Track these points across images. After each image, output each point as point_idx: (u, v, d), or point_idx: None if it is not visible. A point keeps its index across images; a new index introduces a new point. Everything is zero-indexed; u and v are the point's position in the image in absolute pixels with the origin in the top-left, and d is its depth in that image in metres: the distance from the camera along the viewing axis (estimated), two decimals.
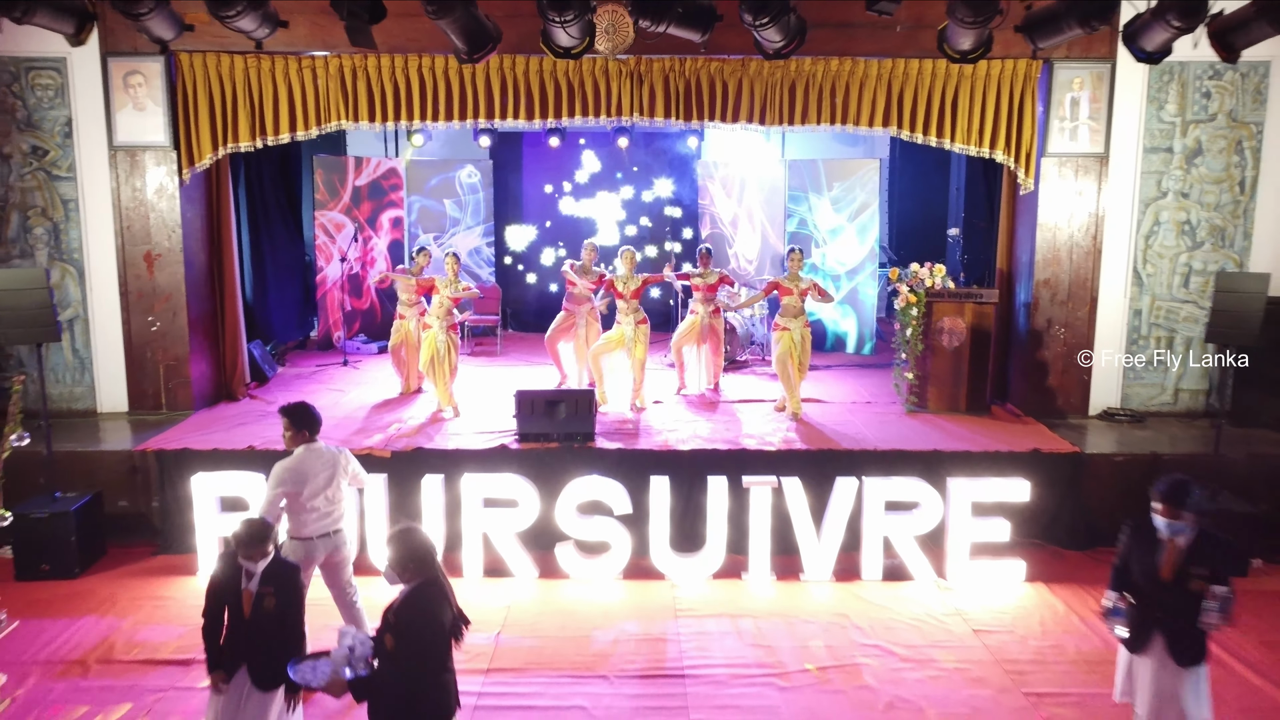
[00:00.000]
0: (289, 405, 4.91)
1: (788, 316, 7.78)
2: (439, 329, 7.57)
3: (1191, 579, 3.69)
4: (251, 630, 3.80)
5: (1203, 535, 3.79)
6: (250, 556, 3.79)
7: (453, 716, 3.51)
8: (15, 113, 7.57)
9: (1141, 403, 8.04)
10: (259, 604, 3.79)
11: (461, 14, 4.13)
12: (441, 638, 3.39)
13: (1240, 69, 7.62)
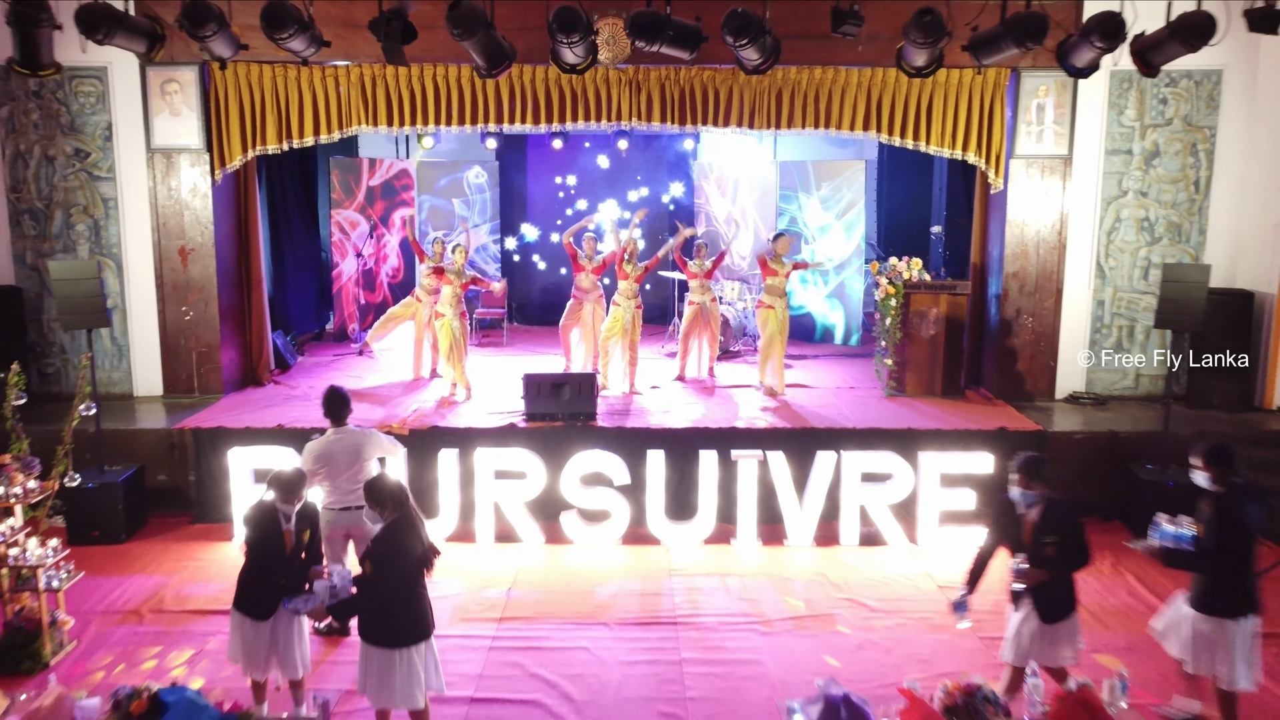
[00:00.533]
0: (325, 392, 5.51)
1: (773, 295, 8.41)
2: (452, 316, 8.17)
3: (1045, 546, 4.25)
4: (291, 563, 4.41)
5: (1051, 504, 4.33)
6: (287, 500, 4.40)
7: (428, 634, 4.21)
8: (59, 118, 8.18)
9: (1105, 387, 8.64)
10: (298, 539, 4.42)
11: (483, 36, 4.75)
12: (412, 564, 4.12)
13: (1194, 77, 8.23)
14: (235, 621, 4.45)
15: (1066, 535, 4.27)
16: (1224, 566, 4.33)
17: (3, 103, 8.16)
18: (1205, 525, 4.40)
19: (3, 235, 8.34)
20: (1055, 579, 4.27)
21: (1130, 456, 7.43)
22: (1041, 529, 4.29)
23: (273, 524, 4.40)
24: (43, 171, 8.25)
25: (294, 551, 4.43)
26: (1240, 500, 4.36)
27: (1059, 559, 4.26)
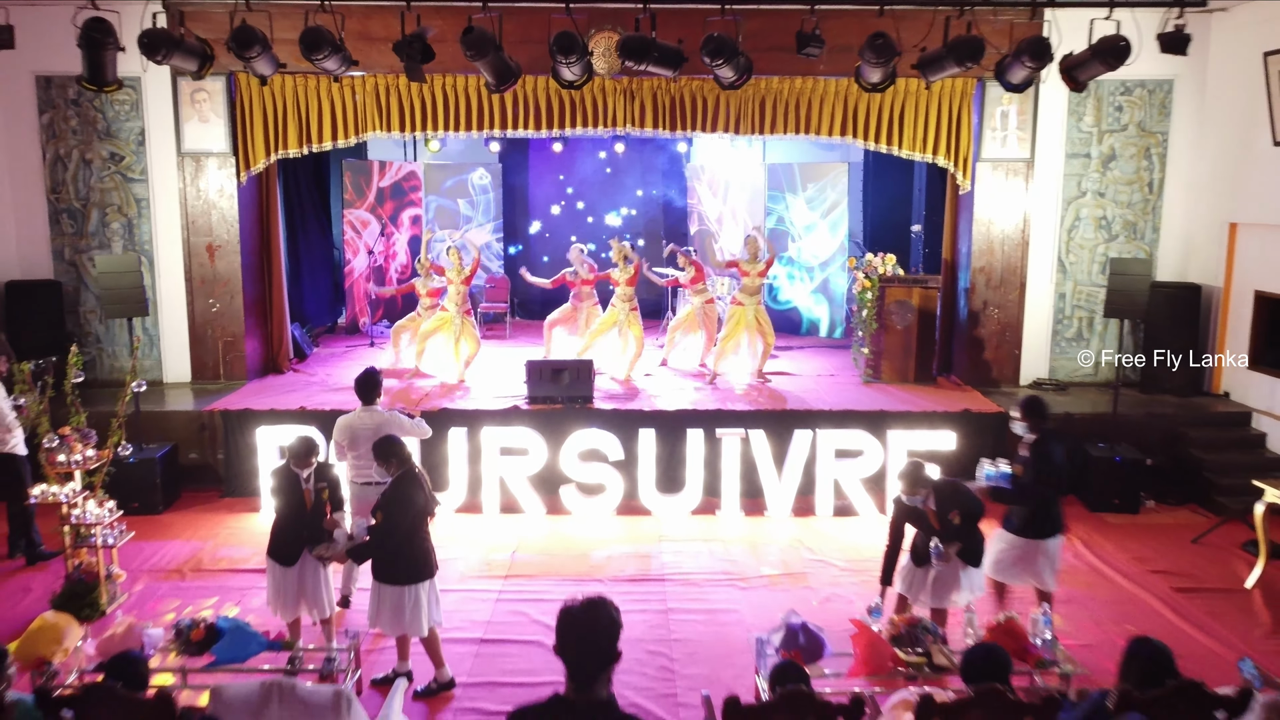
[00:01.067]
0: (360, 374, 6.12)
1: (745, 294, 9.05)
2: (455, 314, 8.83)
3: (950, 520, 4.88)
4: (313, 517, 5.04)
5: (938, 489, 4.97)
6: (300, 465, 5.02)
7: (431, 574, 4.92)
8: (96, 124, 8.83)
9: (1067, 374, 9.29)
10: (317, 497, 5.05)
11: (493, 57, 5.39)
12: (416, 512, 4.83)
13: (1148, 86, 8.89)
14: (269, 568, 5.09)
15: (963, 505, 4.93)
16: (1039, 497, 5.11)
17: (43, 110, 8.81)
18: (1023, 465, 5.18)
19: (43, 233, 8.99)
20: (966, 539, 4.92)
21: (1082, 435, 8.08)
22: (942, 510, 4.93)
23: (293, 485, 5.04)
24: (80, 174, 8.91)
25: (314, 508, 5.05)
26: (1050, 443, 5.17)
27: (964, 526, 4.91)
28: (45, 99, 8.81)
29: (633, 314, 9.19)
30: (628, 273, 9.20)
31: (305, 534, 5.02)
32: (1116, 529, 7.41)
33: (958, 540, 4.91)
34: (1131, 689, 3.32)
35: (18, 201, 8.91)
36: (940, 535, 4.93)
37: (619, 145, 12.39)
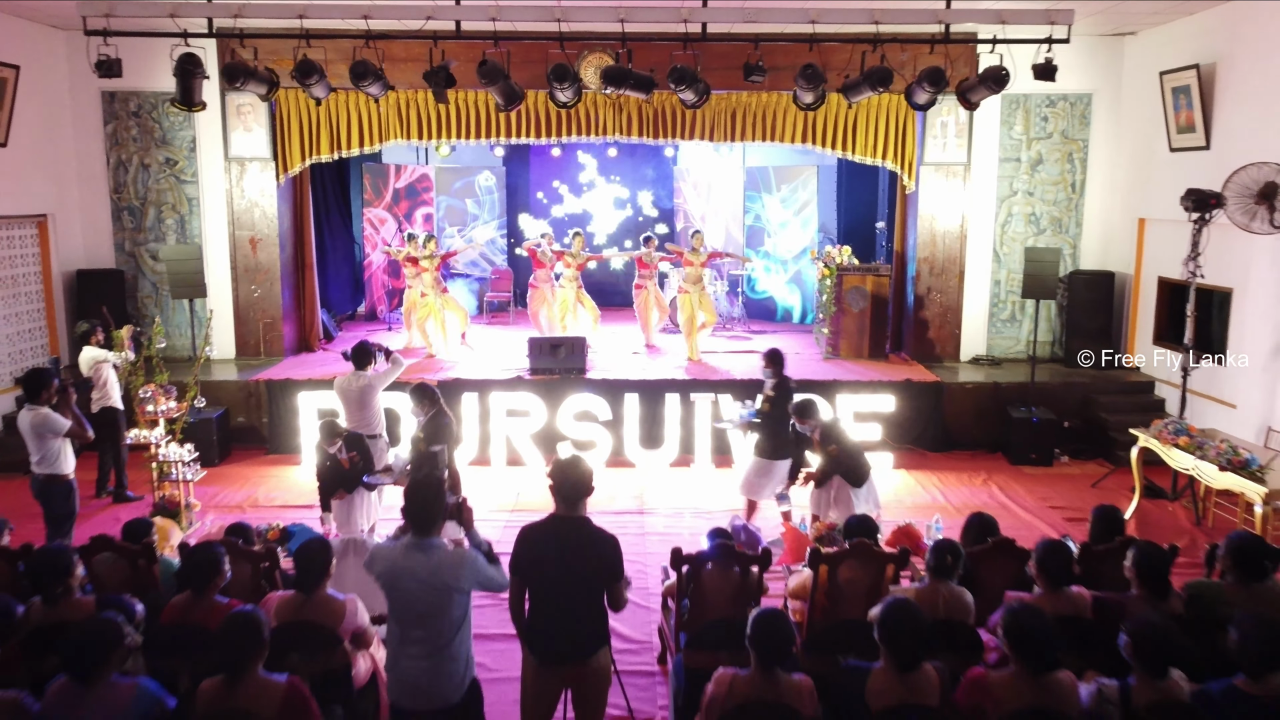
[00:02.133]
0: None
1: (689, 282, 10.36)
2: (433, 296, 10.18)
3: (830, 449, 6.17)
4: (349, 474, 6.29)
5: (829, 426, 6.38)
6: (329, 443, 6.21)
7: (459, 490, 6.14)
8: (153, 133, 10.15)
9: (1002, 351, 10.58)
10: (352, 461, 6.29)
11: (503, 84, 6.69)
12: (448, 439, 6.02)
13: (1070, 99, 10.20)
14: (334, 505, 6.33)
15: (839, 441, 6.22)
16: (777, 427, 6.65)
17: (108, 121, 10.14)
18: (769, 402, 6.72)
19: (106, 228, 10.32)
20: (849, 463, 6.18)
21: (1008, 401, 9.38)
22: (824, 442, 6.22)
23: (331, 457, 6.31)
24: (139, 177, 10.23)
25: (352, 468, 6.29)
26: (786, 386, 6.75)
27: (840, 455, 6.17)
28: (109, 111, 10.13)
29: (581, 291, 10.78)
30: (579, 259, 10.59)
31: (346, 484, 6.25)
32: (1031, 478, 8.71)
33: (836, 467, 6.18)
34: (967, 545, 4.63)
35: (84, 201, 10.23)
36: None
37: (611, 150, 13.70)
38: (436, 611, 3.37)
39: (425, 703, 3.39)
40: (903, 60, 6.91)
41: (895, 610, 3.24)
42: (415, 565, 3.37)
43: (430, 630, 3.37)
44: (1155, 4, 8.39)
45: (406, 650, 3.38)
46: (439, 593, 3.36)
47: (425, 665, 3.36)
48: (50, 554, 3.90)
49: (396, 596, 3.39)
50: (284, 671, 3.31)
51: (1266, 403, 7.74)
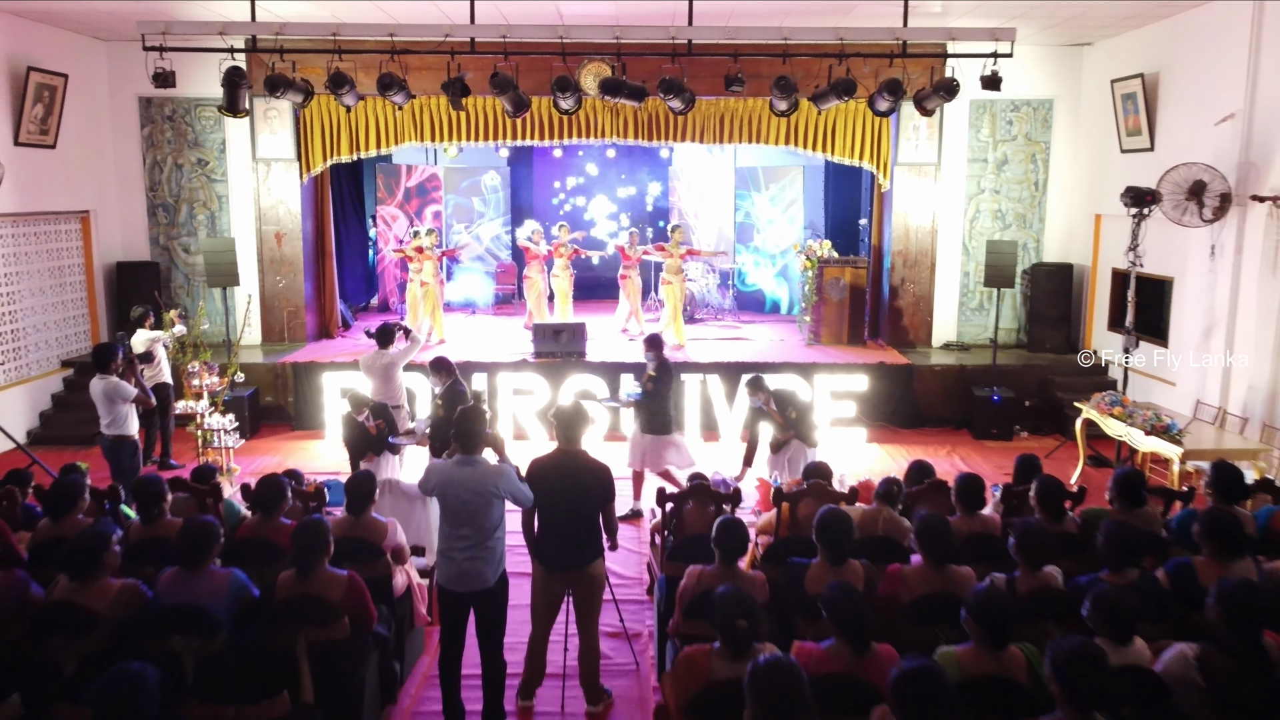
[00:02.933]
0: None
1: (670, 273, 11.19)
2: (434, 284, 11.03)
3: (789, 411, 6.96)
4: (376, 439, 7.12)
5: (781, 394, 7.12)
6: (357, 411, 7.05)
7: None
8: (186, 135, 11.00)
9: (971, 337, 11.42)
10: (379, 428, 7.13)
11: (512, 94, 7.53)
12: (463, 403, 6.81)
13: (1033, 105, 11.04)
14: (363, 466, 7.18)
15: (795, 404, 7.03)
16: (659, 404, 7.32)
17: (144, 125, 10.98)
18: (650, 383, 7.35)
19: (142, 224, 11.16)
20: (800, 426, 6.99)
21: (973, 382, 10.22)
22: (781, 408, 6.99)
23: (358, 425, 7.13)
24: (173, 176, 11.08)
25: (379, 434, 7.14)
26: (667, 368, 7.39)
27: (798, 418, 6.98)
28: (146, 115, 10.98)
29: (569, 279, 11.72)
30: (568, 249, 11.48)
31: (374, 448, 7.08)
32: (991, 450, 9.55)
33: (794, 428, 7.00)
34: (908, 485, 5.47)
35: (122, 198, 11.08)
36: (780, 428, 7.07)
37: (610, 152, 14.54)
38: (479, 513, 4.24)
39: (466, 585, 4.25)
40: (865, 72, 7.73)
41: (829, 515, 4.09)
42: (463, 476, 4.24)
43: (474, 528, 4.24)
44: (1110, 16, 9.23)
45: (454, 545, 4.25)
46: (481, 497, 4.23)
47: (469, 555, 4.23)
48: (147, 481, 4.74)
49: (448, 502, 4.26)
50: None
51: (1199, 380, 8.58)
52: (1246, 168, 7.98)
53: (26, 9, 9.08)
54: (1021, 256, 11.14)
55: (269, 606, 3.97)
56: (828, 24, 7.83)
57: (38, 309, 9.93)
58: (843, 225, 14.68)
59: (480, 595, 4.30)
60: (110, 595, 3.88)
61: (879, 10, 8.33)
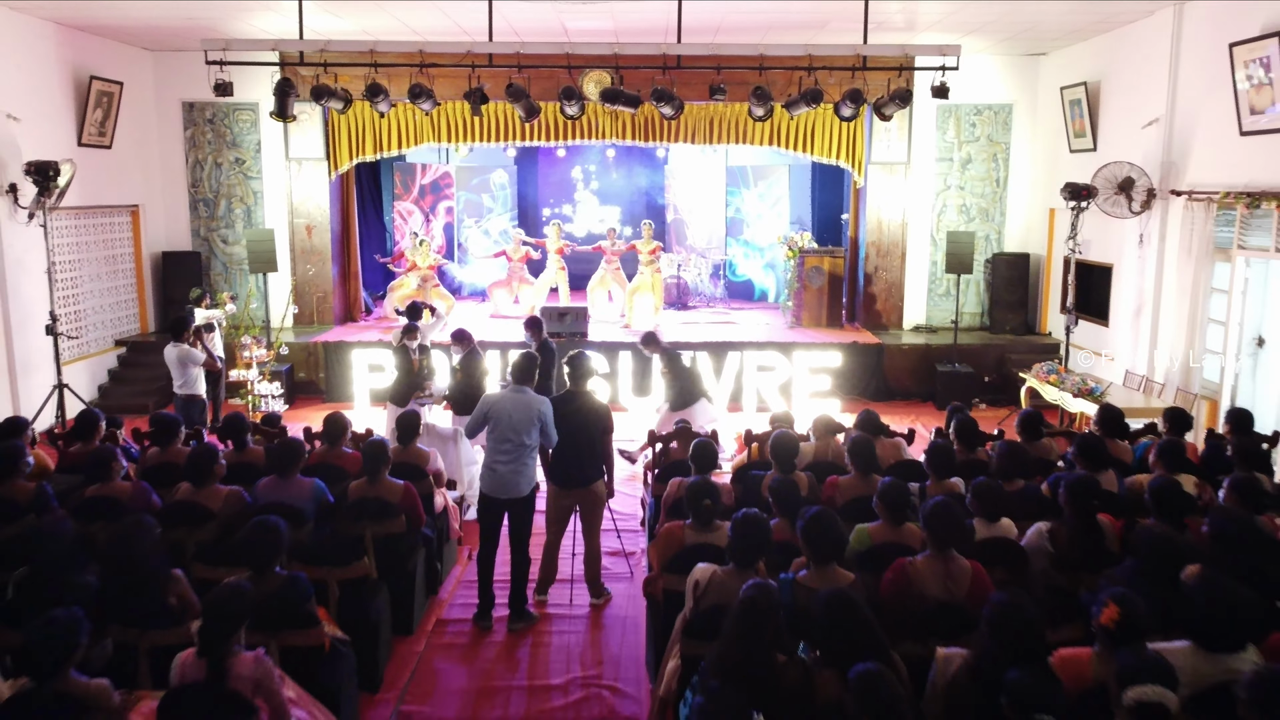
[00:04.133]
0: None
1: (644, 265, 12.29)
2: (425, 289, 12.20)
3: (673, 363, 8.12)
4: (417, 376, 8.25)
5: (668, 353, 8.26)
6: (410, 339, 8.19)
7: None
8: (225, 136, 12.12)
9: (939, 321, 12.53)
10: (420, 363, 8.26)
11: (525, 101, 8.65)
12: (480, 369, 7.95)
13: (994, 109, 12.15)
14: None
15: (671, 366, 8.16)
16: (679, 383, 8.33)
17: (187, 127, 12.10)
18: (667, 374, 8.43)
19: (185, 217, 12.29)
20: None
21: (937, 360, 11.33)
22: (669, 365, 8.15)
23: (406, 356, 8.29)
24: (213, 173, 12.20)
25: (418, 370, 8.29)
26: (548, 348, 8.37)
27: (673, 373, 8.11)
28: (189, 118, 12.11)
29: (561, 271, 12.81)
30: (558, 244, 12.66)
31: (410, 386, 8.24)
32: None
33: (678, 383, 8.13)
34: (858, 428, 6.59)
35: (166, 194, 12.19)
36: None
37: (610, 151, 15.65)
38: (522, 430, 5.39)
39: (505, 493, 5.40)
40: (831, 83, 8.84)
41: (779, 436, 5.21)
42: (514, 401, 5.46)
43: (515, 444, 5.39)
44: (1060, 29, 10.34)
45: (498, 458, 5.39)
46: (525, 420, 5.40)
47: (510, 468, 5.38)
48: (236, 417, 5.87)
49: (496, 422, 5.42)
50: None
51: (1131, 353, 9.69)
52: (1168, 166, 9.09)
53: (89, 23, 10.18)
54: (983, 246, 12.27)
55: (343, 506, 5.10)
56: (801, 40, 8.94)
57: (95, 293, 11.05)
58: (828, 219, 15.76)
59: (515, 502, 5.43)
60: (220, 498, 4.99)
61: (846, 27, 9.45)
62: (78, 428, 5.94)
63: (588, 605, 5.90)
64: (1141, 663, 2.84)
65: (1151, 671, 2.77)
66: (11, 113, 9.12)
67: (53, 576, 3.81)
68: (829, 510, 3.88)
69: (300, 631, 3.85)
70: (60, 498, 5.11)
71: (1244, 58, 7.82)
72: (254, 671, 3.23)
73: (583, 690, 4.86)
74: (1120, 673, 2.83)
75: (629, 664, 5.16)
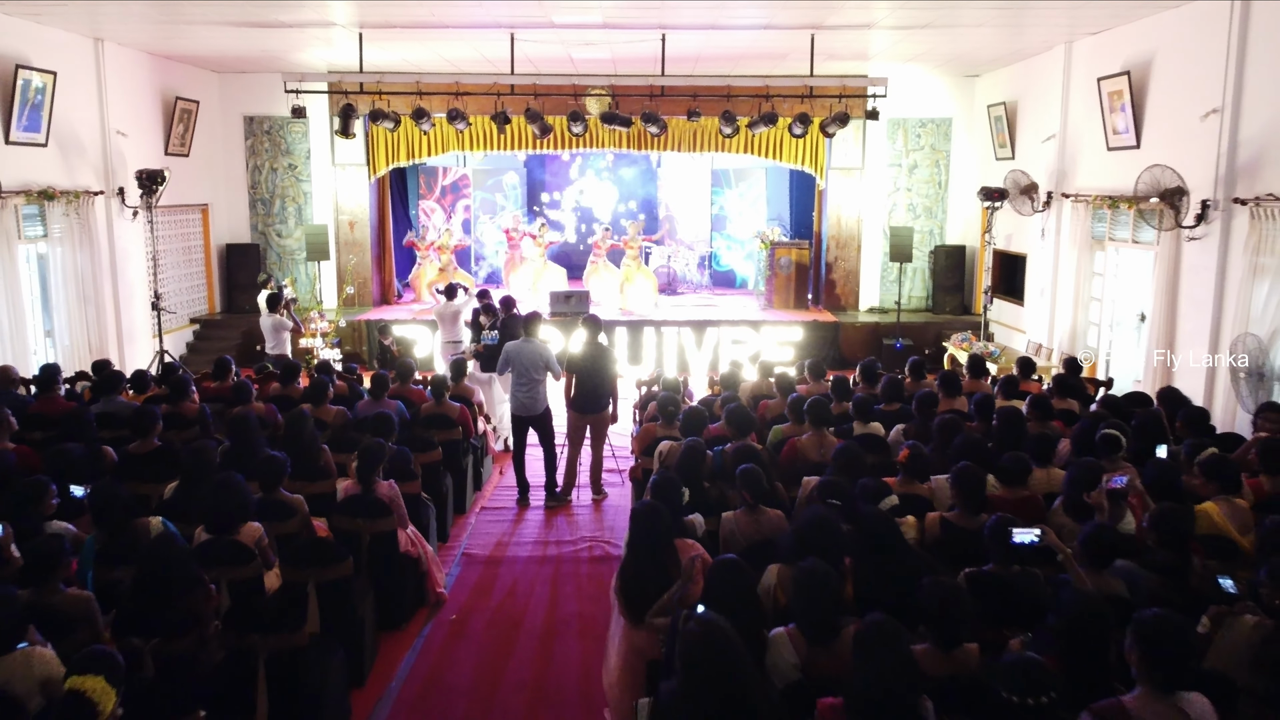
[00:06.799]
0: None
1: (629, 258, 14.38)
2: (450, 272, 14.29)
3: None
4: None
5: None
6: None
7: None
8: (280, 145, 14.22)
9: (890, 303, 14.62)
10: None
11: (540, 122, 10.77)
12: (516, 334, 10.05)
13: (936, 122, 14.24)
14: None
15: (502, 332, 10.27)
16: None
17: (248, 137, 14.20)
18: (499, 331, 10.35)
19: (245, 214, 14.39)
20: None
21: (883, 335, 13.45)
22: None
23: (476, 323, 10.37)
24: (269, 177, 14.29)
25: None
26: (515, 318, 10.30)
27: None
28: (249, 130, 14.20)
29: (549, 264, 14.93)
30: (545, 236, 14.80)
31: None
32: None
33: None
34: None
35: (229, 194, 14.29)
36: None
37: (608, 156, 17.74)
38: (535, 370, 7.58)
39: (527, 411, 7.57)
40: (785, 108, 10.93)
41: (727, 374, 7.31)
42: (529, 348, 7.65)
43: (532, 379, 7.59)
44: (987, 57, 12.41)
45: (520, 389, 7.57)
46: (536, 361, 7.57)
47: (528, 394, 7.55)
48: (327, 363, 7.98)
49: (518, 364, 7.58)
50: None
51: (1036, 327, 11.80)
52: (1061, 174, 11.19)
53: (175, 53, 12.27)
54: (927, 240, 14.37)
55: (418, 419, 7.22)
56: (765, 69, 11.00)
57: (175, 278, 13.15)
58: (803, 216, 17.85)
59: (536, 418, 7.60)
60: (331, 414, 7.09)
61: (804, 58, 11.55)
62: (215, 370, 8.05)
63: (590, 502, 8.02)
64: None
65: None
66: (120, 129, 11.21)
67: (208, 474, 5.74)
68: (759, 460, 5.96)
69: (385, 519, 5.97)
70: (215, 416, 7.22)
71: (1108, 89, 9.92)
72: (389, 492, 5.35)
73: (589, 544, 7.00)
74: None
75: (619, 531, 7.27)
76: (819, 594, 3.38)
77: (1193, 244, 8.45)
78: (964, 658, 3.32)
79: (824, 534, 3.91)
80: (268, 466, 5.22)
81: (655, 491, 4.71)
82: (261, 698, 3.99)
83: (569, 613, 5.96)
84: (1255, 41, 7.79)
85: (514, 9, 8.59)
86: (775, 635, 3.45)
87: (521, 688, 5.02)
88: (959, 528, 4.61)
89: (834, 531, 3.98)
